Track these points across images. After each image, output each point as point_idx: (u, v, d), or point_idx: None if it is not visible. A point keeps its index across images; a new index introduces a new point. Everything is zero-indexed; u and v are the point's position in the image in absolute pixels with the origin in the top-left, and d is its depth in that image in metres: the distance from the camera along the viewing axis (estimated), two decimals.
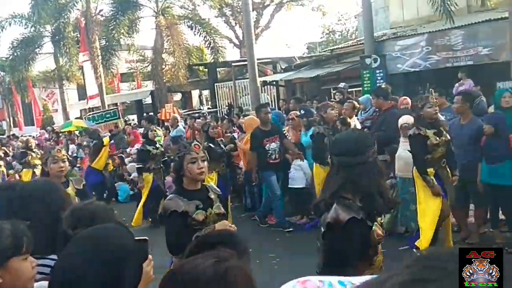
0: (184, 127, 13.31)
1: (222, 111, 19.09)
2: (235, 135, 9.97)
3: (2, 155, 13.68)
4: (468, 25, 12.11)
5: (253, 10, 22.44)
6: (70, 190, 4.43)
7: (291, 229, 7.76)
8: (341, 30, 35.33)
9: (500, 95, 6.76)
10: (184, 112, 19.81)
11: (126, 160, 13.18)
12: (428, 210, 5.50)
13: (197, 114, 16.58)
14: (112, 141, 15.17)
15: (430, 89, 7.07)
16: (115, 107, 21.05)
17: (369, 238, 2.55)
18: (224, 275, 1.22)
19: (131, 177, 12.52)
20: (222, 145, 8.45)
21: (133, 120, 22.46)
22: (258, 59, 16.17)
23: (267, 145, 7.77)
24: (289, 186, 8.23)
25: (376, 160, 2.68)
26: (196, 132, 11.60)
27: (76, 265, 1.47)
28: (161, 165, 9.06)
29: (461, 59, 12.13)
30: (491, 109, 7.00)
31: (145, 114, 17.43)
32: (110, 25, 20.49)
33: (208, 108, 21.59)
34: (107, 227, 1.68)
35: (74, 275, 1.45)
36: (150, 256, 1.84)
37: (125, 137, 14.98)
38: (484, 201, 6.31)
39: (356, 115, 8.50)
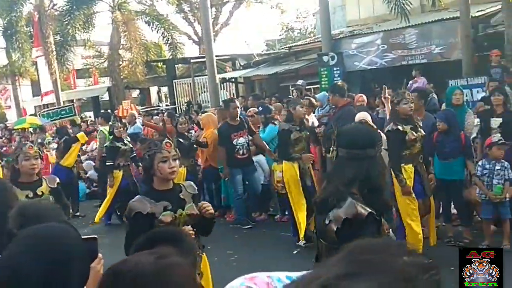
0: (142, 124, 13.13)
1: (181, 108, 18.95)
2: (193, 132, 9.91)
3: None
4: (422, 24, 12.43)
5: (212, 7, 22.36)
6: (43, 189, 4.28)
7: (250, 226, 7.76)
8: (299, 28, 35.60)
9: (451, 92, 6.99)
10: (142, 109, 19.54)
11: (82, 158, 12.92)
12: (407, 207, 5.50)
13: (155, 111, 16.41)
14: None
15: (384, 86, 7.17)
16: (70, 103, 20.59)
17: (380, 234, 2.52)
18: (165, 271, 1.22)
19: (87, 175, 12.29)
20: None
21: (90, 117, 22.04)
22: (217, 56, 16.12)
23: (235, 139, 7.66)
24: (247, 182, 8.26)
25: (381, 155, 2.64)
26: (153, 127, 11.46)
27: (20, 264, 1.43)
28: (129, 162, 8.84)
29: (416, 57, 12.44)
30: (444, 107, 7.20)
31: (102, 111, 17.09)
32: (64, 19, 19.98)
33: (167, 105, 21.38)
34: (52, 225, 1.64)
35: (17, 274, 1.41)
36: (100, 255, 1.82)
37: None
38: (436, 196, 6.49)
39: (314, 112, 8.60)
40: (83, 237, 1.66)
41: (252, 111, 8.79)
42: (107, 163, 8.61)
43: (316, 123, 8.05)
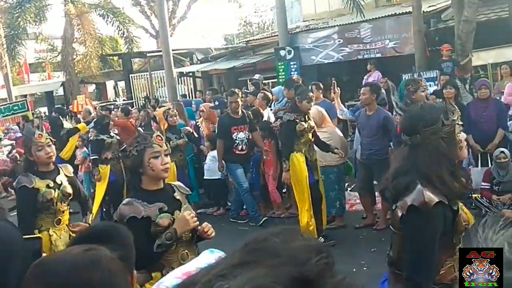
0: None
1: (138, 103, 18.69)
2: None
3: None
4: (376, 19, 12.64)
5: (168, 0, 22.11)
6: (61, 177, 4.12)
7: (264, 219, 7.33)
8: (258, 22, 35.65)
9: (404, 86, 7.14)
10: (98, 103, 19.17)
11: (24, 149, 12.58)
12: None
13: (112, 106, 16.13)
14: (20, 134, 14.47)
15: (333, 82, 7.29)
16: (23, 99, 20.00)
17: (455, 224, 2.35)
18: (93, 262, 1.20)
19: None
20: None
21: (44, 112, 21.48)
22: (174, 50, 15.96)
23: (235, 133, 7.30)
24: (205, 177, 8.24)
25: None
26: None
27: None
28: (119, 155, 8.21)
29: (370, 52, 12.64)
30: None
31: (56, 106, 16.68)
32: (15, 12, 19.36)
33: (124, 100, 21.05)
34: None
35: None
36: (44, 254, 1.78)
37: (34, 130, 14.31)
38: None
39: (270, 106, 8.64)
40: (25, 236, 1.62)
41: (205, 106, 8.73)
42: (92, 157, 8.19)
43: (272, 117, 8.09)
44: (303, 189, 6.05)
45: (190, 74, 18.69)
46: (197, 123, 8.75)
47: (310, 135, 6.16)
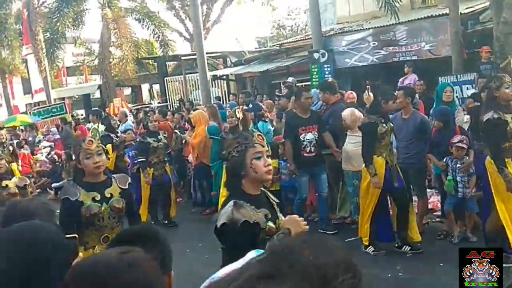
0: (133, 122, 13.11)
1: (173, 106, 18.91)
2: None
3: None
4: (411, 21, 12.47)
5: (203, 4, 22.33)
6: (112, 190, 3.70)
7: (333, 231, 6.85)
8: (291, 25, 35.60)
9: (441, 89, 7.05)
10: (133, 106, 19.51)
11: (73, 156, 12.88)
12: None
13: (147, 109, 16.37)
14: (58, 136, 14.84)
15: (367, 86, 7.16)
16: (61, 101, 20.51)
17: None
18: (129, 265, 1.22)
19: None
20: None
21: (81, 115, 21.95)
22: (208, 53, 16.11)
23: (303, 134, 6.75)
24: None
25: None
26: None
27: None
28: (165, 159, 8.24)
29: (406, 54, 12.47)
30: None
31: (93, 109, 17.05)
32: (54, 17, 19.88)
33: (159, 103, 21.33)
34: (33, 223, 1.65)
35: None
36: (80, 254, 1.82)
37: (72, 132, 14.65)
38: (425, 192, 6.57)
39: None
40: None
41: (241, 109, 8.75)
42: (138, 160, 8.09)
43: None
44: (372, 195, 5.79)
45: (224, 77, 18.81)
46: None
47: (390, 138, 5.87)
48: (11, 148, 10.69)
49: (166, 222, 8.22)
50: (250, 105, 9.09)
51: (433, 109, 7.00)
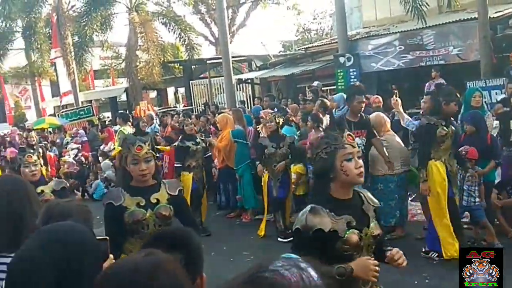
0: (159, 125, 13.24)
1: (198, 109, 19.05)
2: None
3: None
4: (439, 25, 12.34)
5: (228, 8, 22.44)
6: (160, 195, 3.40)
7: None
8: (316, 28, 35.54)
9: (470, 94, 6.94)
10: (159, 109, 19.70)
11: (100, 158, 13.07)
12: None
13: (172, 112, 16.53)
14: (85, 138, 15.08)
15: (395, 91, 7.01)
16: (89, 104, 20.84)
17: None
18: (153, 267, 1.24)
19: (105, 175, 12.42)
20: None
21: (108, 117, 22.26)
22: (233, 57, 16.18)
23: None
24: None
25: None
26: (170, 130, 11.56)
27: (33, 256, 1.47)
28: (203, 163, 8.03)
29: (433, 59, 12.35)
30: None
31: (120, 111, 17.29)
32: (82, 21, 20.21)
33: (184, 106, 21.51)
34: (67, 223, 1.68)
35: (31, 269, 1.45)
36: (111, 256, 1.85)
37: (99, 134, 14.87)
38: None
39: (329, 114, 8.58)
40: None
41: (265, 113, 8.75)
42: (175, 165, 7.86)
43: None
44: (441, 202, 5.52)
45: (249, 80, 18.87)
46: (258, 130, 8.81)
47: (450, 142, 5.57)
48: (40, 150, 10.90)
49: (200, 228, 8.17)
50: (276, 109, 9.09)
51: (461, 114, 6.91)
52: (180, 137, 7.99)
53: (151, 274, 1.22)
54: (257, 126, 8.82)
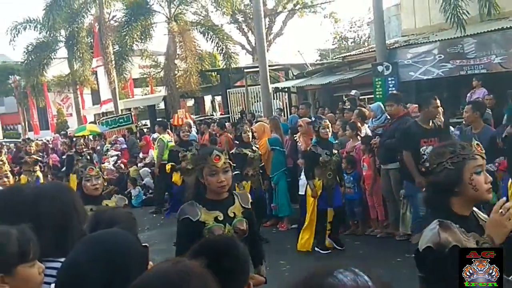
0: (196, 133, 13.40)
1: (234, 117, 19.17)
2: None
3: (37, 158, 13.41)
4: (480, 34, 12.09)
5: (265, 17, 22.57)
6: (235, 209, 3.26)
7: None
8: (353, 37, 35.35)
9: None
10: (196, 117, 19.91)
11: (139, 165, 13.31)
12: None
13: (209, 120, 16.70)
14: (125, 146, 15.37)
15: (434, 97, 6.76)
16: (128, 112, 21.25)
17: None
18: (184, 274, 1.26)
19: (143, 182, 12.64)
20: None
21: (145, 125, 22.64)
22: (270, 66, 16.24)
23: (424, 147, 6.08)
24: (300, 193, 8.24)
25: None
26: (207, 138, 11.68)
27: (81, 263, 1.51)
28: (260, 171, 7.90)
29: (475, 67, 12.09)
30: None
31: (158, 119, 17.57)
32: (123, 30, 20.65)
33: (221, 114, 21.68)
34: (115, 231, 1.73)
35: (79, 274, 1.49)
36: (150, 262, 1.90)
37: (137, 142, 15.13)
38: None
39: (367, 123, 8.53)
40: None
41: (303, 121, 8.71)
42: (235, 173, 7.81)
43: (370, 134, 7.98)
44: None
45: (285, 89, 18.89)
46: (295, 138, 8.81)
47: None
48: (88, 157, 11.23)
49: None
50: (313, 118, 9.08)
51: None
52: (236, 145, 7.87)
53: (181, 283, 1.24)
54: (294, 135, 8.84)
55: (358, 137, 7.86)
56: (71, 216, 2.31)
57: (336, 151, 7.04)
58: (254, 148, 7.79)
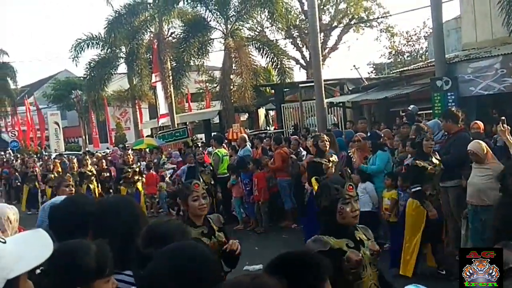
0: (251, 147, 13.47)
1: (288, 132, 19.17)
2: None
3: (94, 171, 13.67)
4: None
5: (320, 32, 22.55)
6: (361, 234, 3.19)
7: None
8: (410, 51, 34.73)
9: None
10: (250, 132, 20.05)
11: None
12: None
13: (263, 135, 16.76)
14: (180, 159, 15.65)
15: (502, 118, 6.48)
16: (184, 126, 21.66)
17: None
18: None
19: None
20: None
21: (201, 139, 22.99)
22: (325, 80, 16.18)
23: None
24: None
25: None
26: (259, 153, 11.72)
27: (161, 275, 1.55)
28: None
29: None
30: None
31: (214, 133, 17.80)
32: (181, 47, 21.14)
33: (274, 129, 21.73)
34: (191, 243, 1.77)
35: (159, 284, 1.53)
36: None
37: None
38: None
39: None
40: None
41: (358, 136, 8.57)
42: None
43: None
44: None
45: (340, 104, 18.75)
46: (349, 154, 8.72)
47: None
48: (137, 168, 11.52)
49: None
50: (369, 134, 8.97)
51: None
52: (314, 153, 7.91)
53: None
54: (349, 151, 8.74)
55: None
56: (134, 231, 2.36)
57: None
58: (331, 158, 7.71)
